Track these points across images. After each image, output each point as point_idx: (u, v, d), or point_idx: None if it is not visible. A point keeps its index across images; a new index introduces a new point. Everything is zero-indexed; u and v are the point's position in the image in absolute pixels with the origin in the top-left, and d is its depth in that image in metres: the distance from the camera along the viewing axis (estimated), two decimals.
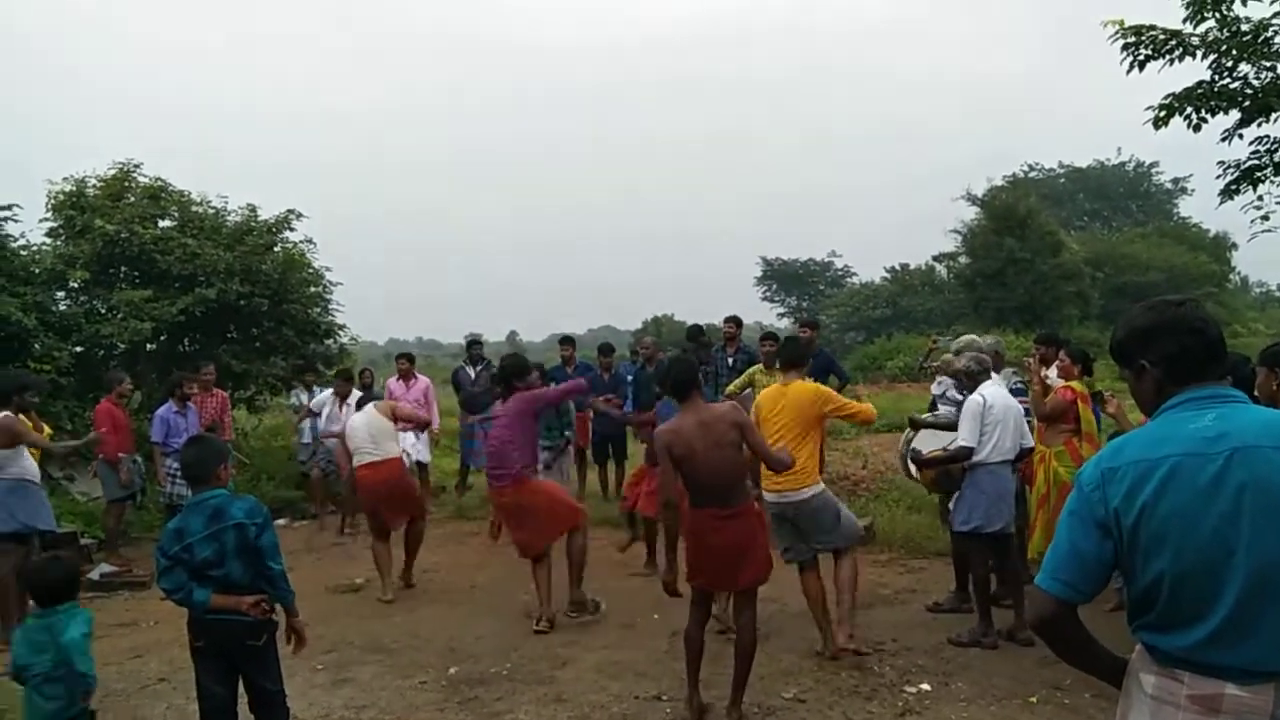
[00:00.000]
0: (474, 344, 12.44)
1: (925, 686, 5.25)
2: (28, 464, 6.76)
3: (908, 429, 7.13)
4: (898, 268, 44.85)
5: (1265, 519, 1.90)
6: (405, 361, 11.41)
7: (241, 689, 4.06)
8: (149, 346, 11.89)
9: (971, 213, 36.03)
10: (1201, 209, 47.60)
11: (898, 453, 7.43)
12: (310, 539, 10.08)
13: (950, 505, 6.87)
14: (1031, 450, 6.12)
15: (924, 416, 7.17)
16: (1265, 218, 7.74)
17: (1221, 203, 8.05)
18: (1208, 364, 2.09)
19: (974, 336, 7.45)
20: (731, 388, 8.84)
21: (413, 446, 10.72)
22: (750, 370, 8.94)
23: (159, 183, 12.70)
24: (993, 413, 5.87)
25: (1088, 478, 2.08)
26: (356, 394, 10.07)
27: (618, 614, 6.76)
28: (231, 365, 12.01)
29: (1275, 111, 7.29)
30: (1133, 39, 7.23)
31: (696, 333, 10.82)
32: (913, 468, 6.90)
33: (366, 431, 7.63)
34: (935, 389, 8.96)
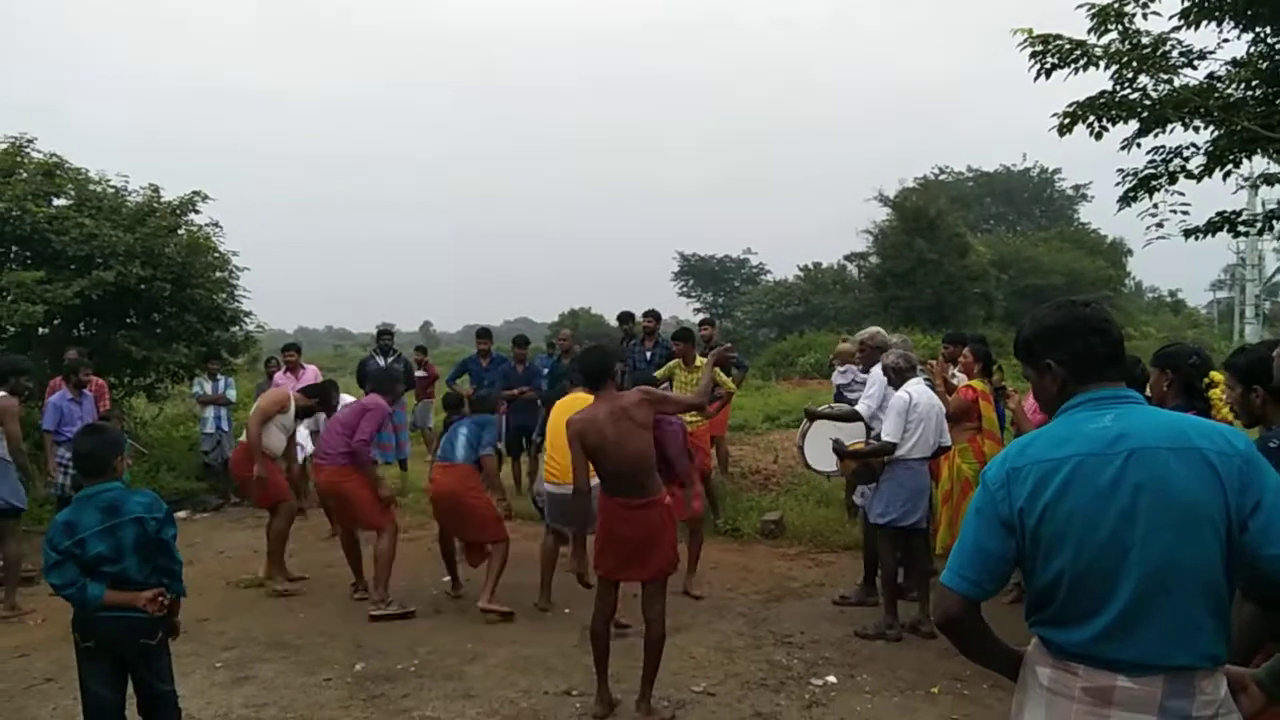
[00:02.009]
0: (384, 334, 12.20)
1: (831, 679, 5.34)
2: (3, 443, 7.04)
3: (804, 421, 7.23)
4: (810, 266, 45.43)
5: (1159, 519, 1.96)
6: (293, 353, 11.04)
7: (131, 690, 3.89)
8: (41, 330, 11.36)
9: (883, 214, 36.68)
10: (1100, 215, 49.52)
11: (795, 445, 7.52)
12: (210, 532, 9.78)
13: (856, 498, 7.00)
14: (949, 448, 6.28)
15: (820, 408, 7.27)
16: (1160, 225, 8.03)
17: (1120, 209, 8.34)
18: (1110, 364, 2.14)
19: (879, 329, 7.56)
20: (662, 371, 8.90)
21: (304, 439, 10.48)
22: (670, 365, 9.01)
23: (54, 159, 12.12)
24: (917, 410, 6.02)
25: (993, 477, 2.11)
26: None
27: (528, 608, 6.71)
28: (131, 352, 11.54)
29: (1171, 123, 7.58)
30: (1040, 48, 7.44)
31: (626, 318, 10.85)
32: (812, 461, 6.99)
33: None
34: (839, 378, 9.12)
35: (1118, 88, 7.57)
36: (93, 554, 3.65)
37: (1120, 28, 7.36)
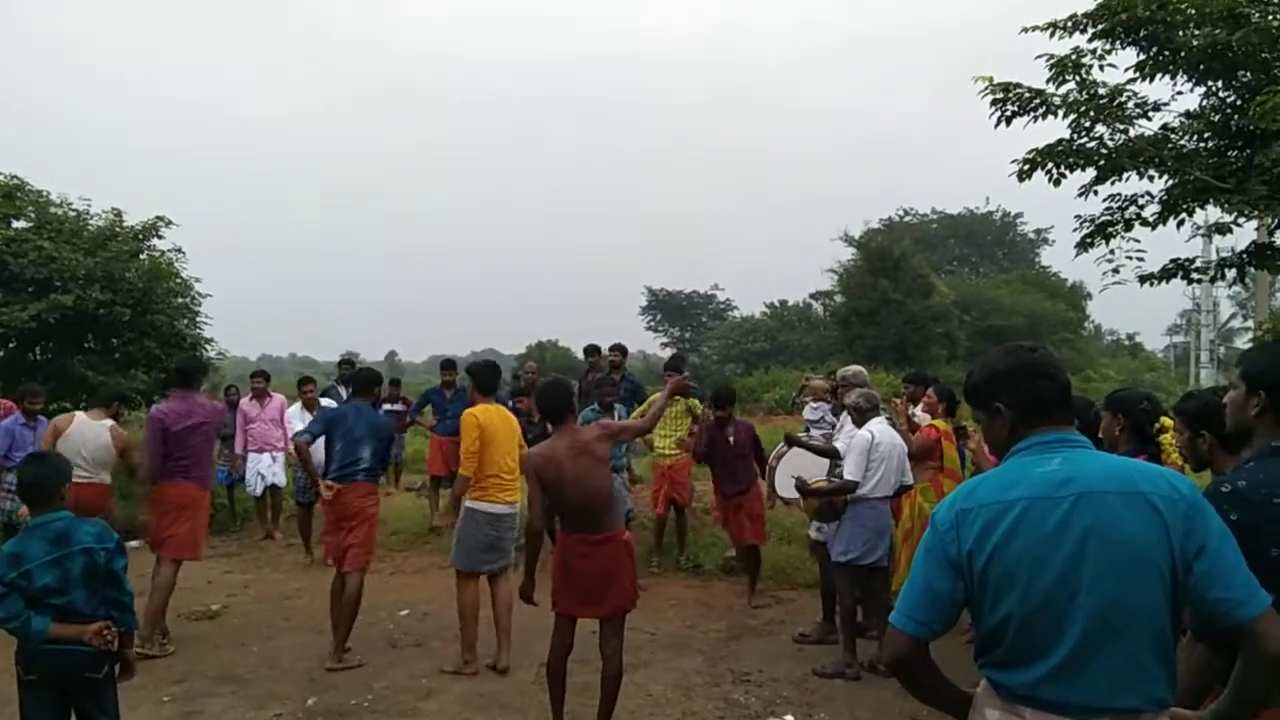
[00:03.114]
0: (345, 363, 12.11)
1: (789, 718, 5.31)
2: None
3: (781, 444, 7.26)
4: (777, 304, 45.94)
5: (1106, 562, 1.98)
6: (261, 380, 10.79)
7: None
8: None
9: (848, 254, 37.23)
10: (1061, 259, 50.48)
11: (768, 465, 7.56)
12: None
13: (811, 533, 7.03)
14: (910, 486, 6.32)
15: (800, 435, 7.31)
16: (1116, 270, 8.14)
17: (1077, 255, 8.47)
18: (1058, 408, 2.19)
19: (861, 368, 7.60)
20: (636, 414, 8.87)
21: (267, 469, 10.36)
22: (653, 397, 8.97)
23: (14, 180, 12.03)
24: (879, 449, 6.06)
25: (942, 519, 2.13)
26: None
27: (483, 645, 6.63)
28: (87, 377, 11.38)
29: (1127, 171, 7.73)
30: (1000, 95, 7.58)
31: (592, 351, 10.97)
32: (779, 486, 7.04)
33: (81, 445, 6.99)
34: (810, 414, 9.16)
35: (1075, 136, 7.73)
36: (39, 585, 3.57)
37: (1078, 78, 7.53)
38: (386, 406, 11.69)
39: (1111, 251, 8.14)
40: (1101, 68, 7.56)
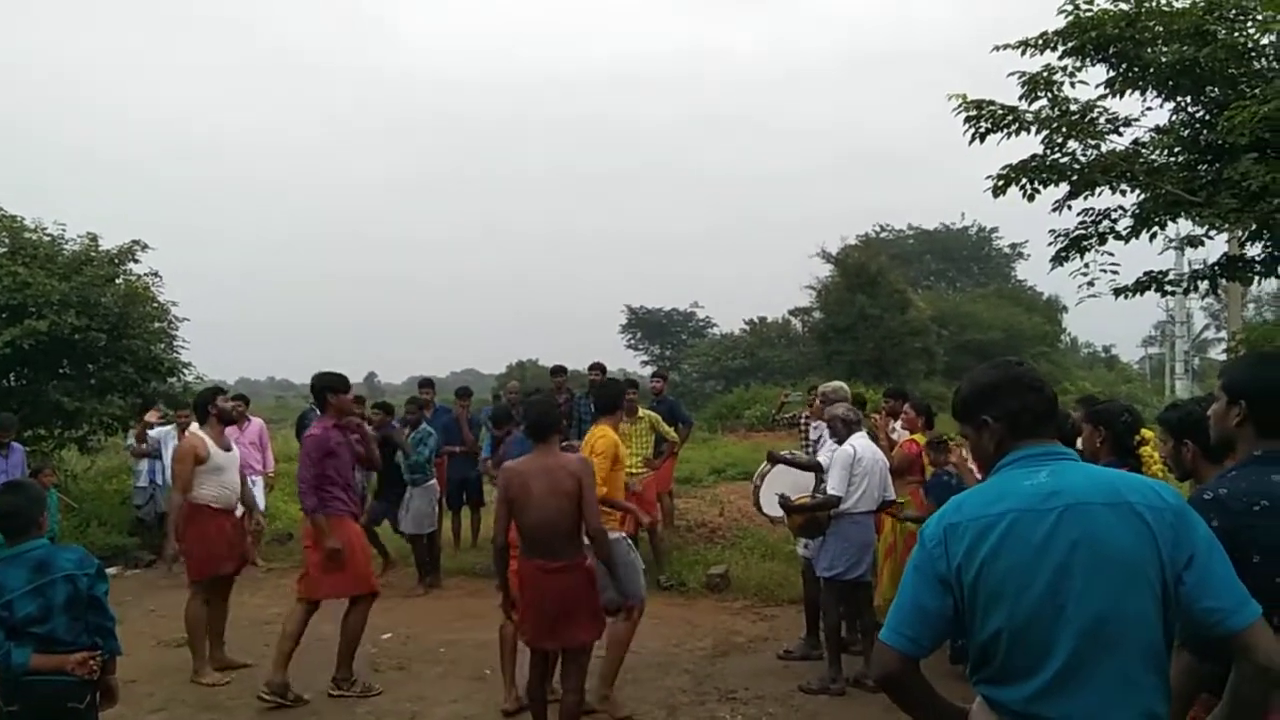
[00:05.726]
0: None
1: None
2: None
3: (764, 463, 7.27)
4: (756, 320, 45.99)
5: (1095, 574, 1.98)
6: (240, 404, 10.78)
7: None
8: None
9: (826, 270, 37.38)
10: (1036, 273, 50.74)
11: (752, 484, 7.56)
12: (142, 589, 9.47)
13: (799, 549, 7.03)
14: (893, 502, 6.34)
15: (782, 453, 7.31)
16: (1091, 283, 8.24)
17: (1053, 269, 8.56)
18: (1045, 421, 2.20)
19: (840, 384, 7.63)
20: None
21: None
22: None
23: None
24: (861, 464, 6.07)
25: (930, 534, 2.13)
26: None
27: (468, 666, 6.60)
28: (63, 403, 11.25)
29: (1099, 186, 7.84)
30: (974, 112, 7.68)
31: (559, 371, 10.92)
32: (764, 505, 7.04)
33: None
34: (815, 434, 9.17)
35: (1048, 152, 7.83)
36: (21, 615, 3.52)
37: (1050, 95, 7.64)
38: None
39: (1086, 265, 8.23)
40: (1073, 84, 7.68)
